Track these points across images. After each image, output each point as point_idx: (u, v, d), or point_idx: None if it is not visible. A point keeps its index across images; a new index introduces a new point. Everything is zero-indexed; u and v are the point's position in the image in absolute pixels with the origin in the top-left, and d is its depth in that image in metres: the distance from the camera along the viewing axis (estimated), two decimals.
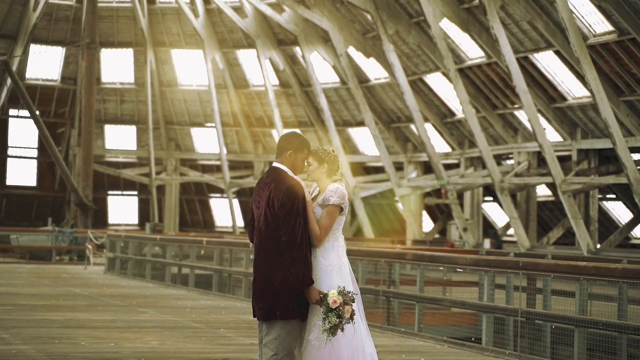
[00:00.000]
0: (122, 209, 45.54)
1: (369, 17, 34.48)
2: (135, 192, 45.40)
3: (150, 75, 41.37)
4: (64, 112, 43.03)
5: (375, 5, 33.83)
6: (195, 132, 43.86)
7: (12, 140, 44.35)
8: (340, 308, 6.64)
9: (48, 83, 42.42)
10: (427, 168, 39.02)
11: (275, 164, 7.00)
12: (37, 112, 43.02)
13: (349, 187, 39.32)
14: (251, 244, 7.17)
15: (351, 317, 6.70)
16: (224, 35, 40.87)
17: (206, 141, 43.56)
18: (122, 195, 45.86)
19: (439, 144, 38.54)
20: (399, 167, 40.32)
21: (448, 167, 37.97)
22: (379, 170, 40.76)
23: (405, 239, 39.06)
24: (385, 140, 40.04)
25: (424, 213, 41.54)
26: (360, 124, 40.14)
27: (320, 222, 6.89)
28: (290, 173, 6.92)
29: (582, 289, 10.49)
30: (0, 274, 25.01)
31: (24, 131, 44.05)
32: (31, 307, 15.58)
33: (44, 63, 41.96)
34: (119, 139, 43.93)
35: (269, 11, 37.78)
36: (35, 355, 10.35)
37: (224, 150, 42.24)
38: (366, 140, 41.07)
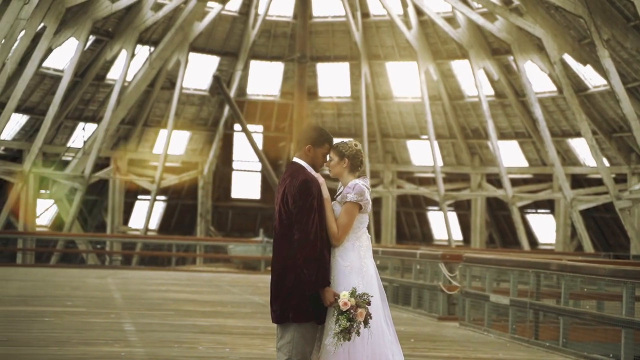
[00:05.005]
0: None
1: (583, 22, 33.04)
2: None
3: (365, 89, 41.58)
4: (284, 126, 44.03)
5: (588, 10, 32.34)
6: (411, 144, 43.62)
7: (236, 154, 45.87)
8: (352, 311, 6.24)
9: (268, 98, 43.61)
10: None
11: (294, 159, 6.72)
12: (261, 127, 44.53)
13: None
14: None
15: (365, 321, 6.29)
16: (437, 46, 40.44)
17: (422, 153, 43.19)
18: None
19: None
20: (622, 178, 38.31)
21: None
22: (601, 182, 38.87)
23: (629, 254, 37.03)
24: (607, 150, 38.19)
25: None
26: (580, 134, 38.48)
27: (338, 220, 6.54)
28: (309, 169, 6.63)
29: None
30: (201, 282, 25.86)
31: (248, 145, 45.35)
32: (189, 313, 15.89)
33: (264, 78, 43.16)
34: None
35: (480, 20, 37.01)
36: (141, 357, 10.48)
37: (439, 163, 41.77)
38: (586, 151, 39.30)
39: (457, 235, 43.82)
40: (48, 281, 23.33)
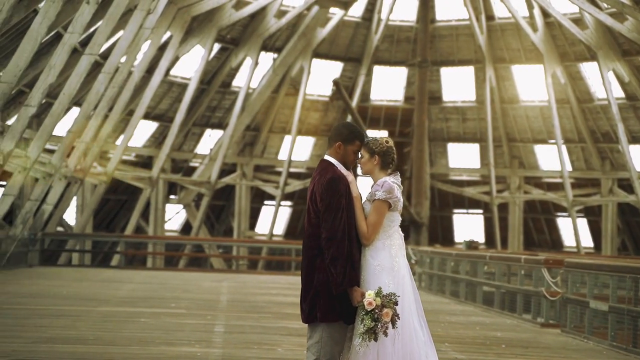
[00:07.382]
0: (468, 227, 45.33)
1: None
2: (480, 211, 45.01)
3: (490, 92, 40.86)
4: (409, 131, 43.74)
5: None
6: (538, 149, 42.65)
7: None
8: (377, 311, 6.08)
9: (392, 103, 43.41)
10: None
11: (325, 157, 6.61)
12: (385, 132, 44.33)
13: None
14: None
15: (392, 322, 6.12)
16: (564, 48, 39.41)
17: (550, 158, 42.16)
18: (467, 213, 45.70)
19: None
20: None
21: None
22: None
23: None
24: None
25: None
26: None
27: (367, 219, 6.39)
28: (339, 166, 6.50)
29: None
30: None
31: None
32: (286, 316, 15.91)
33: (388, 84, 42.99)
34: (463, 157, 43.85)
35: (609, 21, 35.84)
36: (214, 358, 10.52)
37: (567, 167, 40.64)
38: None
39: (588, 242, 42.60)
40: (164, 284, 23.78)
